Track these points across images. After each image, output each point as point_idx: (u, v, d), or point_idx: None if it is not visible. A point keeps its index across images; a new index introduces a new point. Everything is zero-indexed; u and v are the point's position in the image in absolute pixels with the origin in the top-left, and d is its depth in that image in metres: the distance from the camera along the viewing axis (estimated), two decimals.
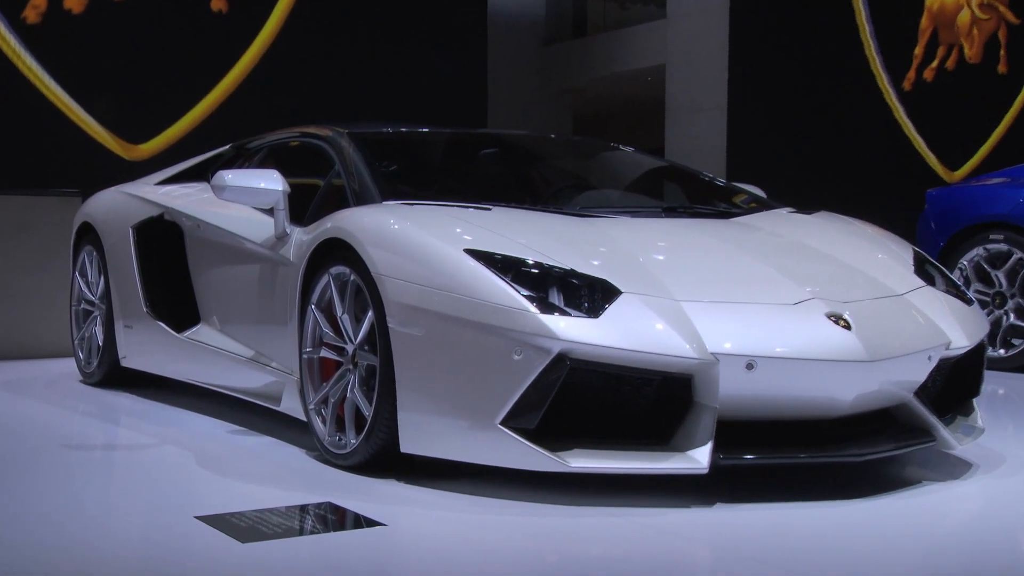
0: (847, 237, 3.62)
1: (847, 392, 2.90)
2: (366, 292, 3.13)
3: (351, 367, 3.23)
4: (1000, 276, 5.83)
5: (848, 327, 2.95)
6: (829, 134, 10.26)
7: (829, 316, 2.97)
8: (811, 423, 2.95)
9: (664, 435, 2.85)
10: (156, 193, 4.74)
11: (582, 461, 2.77)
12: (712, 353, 2.80)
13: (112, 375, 4.80)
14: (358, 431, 3.16)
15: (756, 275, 3.15)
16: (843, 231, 3.70)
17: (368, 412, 3.10)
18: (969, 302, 3.44)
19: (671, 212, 3.80)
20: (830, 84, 10.28)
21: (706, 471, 2.77)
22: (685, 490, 2.93)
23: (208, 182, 4.33)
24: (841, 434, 2.97)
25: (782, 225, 3.73)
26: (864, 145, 10.54)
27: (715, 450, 2.79)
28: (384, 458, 3.09)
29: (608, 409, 2.85)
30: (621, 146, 4.63)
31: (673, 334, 2.81)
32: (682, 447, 2.81)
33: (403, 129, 4.41)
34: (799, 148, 10.00)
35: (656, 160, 4.65)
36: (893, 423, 3.12)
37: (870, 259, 3.44)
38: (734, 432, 2.86)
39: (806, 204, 4.14)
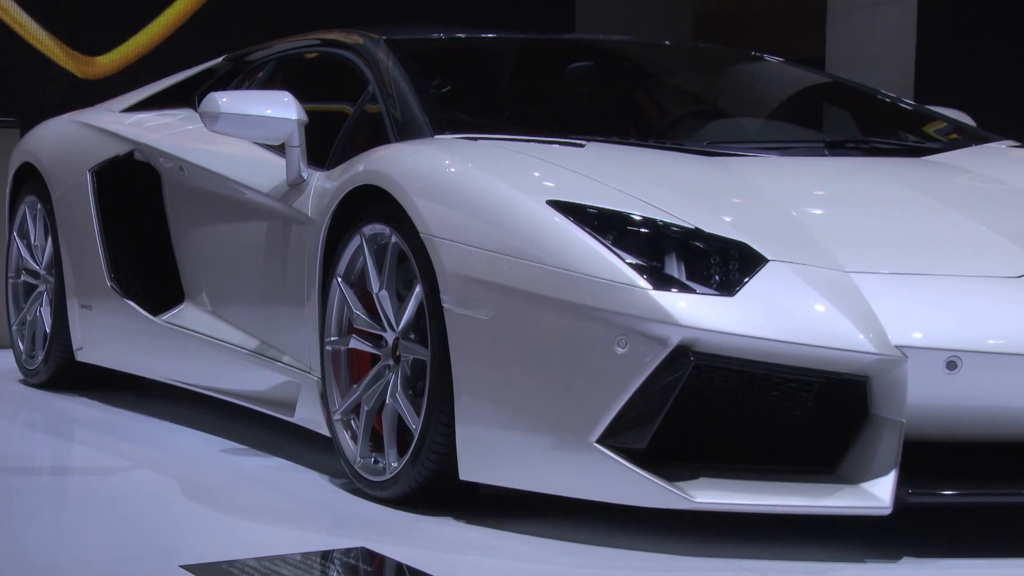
0: None
1: None
2: (412, 260, 3.17)
3: (391, 363, 3.27)
4: None
5: None
6: None
7: None
8: None
9: (828, 461, 2.85)
10: (123, 123, 4.83)
11: (712, 495, 2.78)
12: (897, 346, 2.78)
13: (64, 373, 4.89)
14: (401, 451, 3.20)
15: (961, 236, 3.12)
16: None
17: (415, 425, 3.14)
18: None
19: (837, 148, 3.77)
20: None
21: (889, 511, 2.76)
22: (858, 536, 2.92)
23: (195, 108, 4.40)
24: None
25: (999, 165, 3.69)
26: None
27: (901, 482, 2.78)
28: (437, 487, 3.13)
29: (747, 423, 2.86)
30: (764, 56, 4.60)
31: (841, 319, 2.80)
32: (853, 477, 2.81)
33: (461, 35, 4.43)
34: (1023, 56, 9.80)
35: (814, 75, 4.60)
36: None
37: None
38: (926, 456, 2.84)
39: None
